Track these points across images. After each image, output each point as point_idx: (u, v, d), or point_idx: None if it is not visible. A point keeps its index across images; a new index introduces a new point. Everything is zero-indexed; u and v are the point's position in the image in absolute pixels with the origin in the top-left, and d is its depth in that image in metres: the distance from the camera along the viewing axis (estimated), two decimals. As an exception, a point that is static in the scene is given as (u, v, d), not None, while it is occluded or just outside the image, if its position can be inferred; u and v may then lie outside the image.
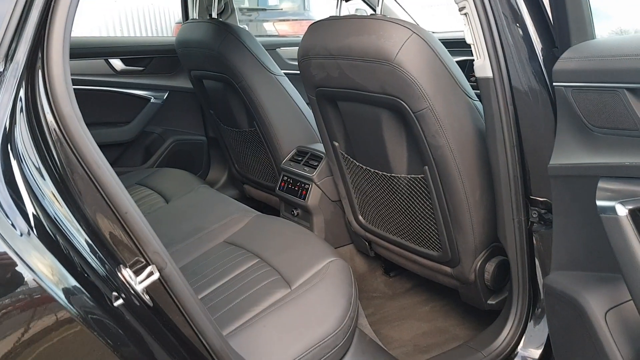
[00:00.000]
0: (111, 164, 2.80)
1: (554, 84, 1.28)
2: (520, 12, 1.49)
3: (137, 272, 1.05)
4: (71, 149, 0.99)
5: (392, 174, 1.92)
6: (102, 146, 2.79)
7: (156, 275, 1.04)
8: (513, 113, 1.54)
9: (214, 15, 2.57)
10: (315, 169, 2.36)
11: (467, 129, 1.68)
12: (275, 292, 1.63)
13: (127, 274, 1.01)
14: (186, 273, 1.84)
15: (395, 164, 1.90)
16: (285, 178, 2.50)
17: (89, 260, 0.95)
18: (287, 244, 1.85)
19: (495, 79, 1.52)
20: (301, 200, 2.38)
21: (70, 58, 2.74)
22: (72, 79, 2.73)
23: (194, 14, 2.76)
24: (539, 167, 1.54)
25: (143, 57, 2.90)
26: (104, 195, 1.02)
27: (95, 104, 2.81)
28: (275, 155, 2.55)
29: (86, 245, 0.95)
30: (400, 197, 1.97)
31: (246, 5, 7.96)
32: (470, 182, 1.72)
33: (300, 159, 2.46)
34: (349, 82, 1.81)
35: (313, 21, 1.92)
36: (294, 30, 7.29)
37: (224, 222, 2.07)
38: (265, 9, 7.82)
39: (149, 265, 1.08)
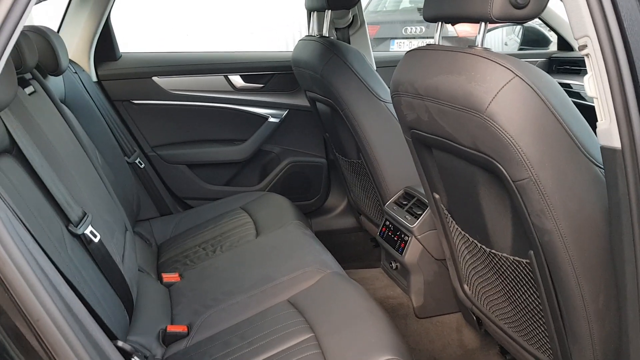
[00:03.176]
0: (226, 183, 2.71)
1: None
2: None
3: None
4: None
5: (492, 250, 1.48)
6: (218, 164, 2.72)
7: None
8: (651, 203, 1.03)
9: (325, 32, 2.29)
10: (418, 219, 1.98)
11: (589, 212, 1.19)
12: (310, 389, 1.32)
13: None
14: (233, 335, 1.61)
15: (497, 239, 1.46)
16: (387, 223, 2.15)
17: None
18: (347, 321, 1.53)
19: (625, 151, 1.02)
20: (398, 254, 2.01)
21: (191, 74, 2.68)
22: (191, 95, 2.69)
23: (311, 28, 2.51)
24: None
25: (263, 73, 2.73)
26: (13, 297, 0.81)
27: (213, 121, 2.72)
28: (382, 193, 2.20)
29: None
30: (503, 280, 1.52)
31: (428, 4, 7.53)
32: (591, 285, 1.23)
33: (405, 202, 2.09)
34: (439, 129, 1.41)
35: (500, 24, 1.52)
36: (476, 31, 6.71)
37: (295, 274, 1.81)
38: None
39: (69, 385, 0.85)
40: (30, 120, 1.48)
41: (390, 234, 2.10)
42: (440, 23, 1.46)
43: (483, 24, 1.28)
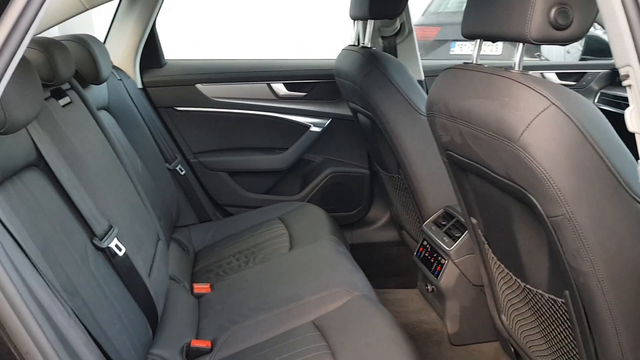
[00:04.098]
0: (267, 192, 2.68)
1: None
2: None
3: None
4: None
5: (527, 285, 1.38)
6: (259, 172, 2.69)
7: None
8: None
9: (366, 42, 2.23)
10: (456, 241, 1.88)
11: (630, 255, 1.09)
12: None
13: None
14: (255, 355, 1.58)
15: (532, 274, 1.36)
16: (425, 243, 2.06)
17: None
18: (370, 350, 1.46)
19: (671, 195, 0.92)
20: (433, 277, 1.93)
21: (234, 82, 2.67)
22: (234, 102, 2.67)
23: (355, 37, 2.44)
24: None
25: (306, 82, 2.69)
26: (4, 328, 0.80)
27: (255, 129, 2.71)
28: (421, 211, 2.12)
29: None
30: (538, 317, 1.41)
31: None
32: (630, 333, 1.12)
33: (444, 223, 2.00)
34: (472, 154, 1.33)
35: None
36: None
37: (322, 294, 1.76)
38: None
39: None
40: (60, 132, 1.49)
41: (427, 255, 2.02)
42: (479, 41, 1.38)
43: (521, 45, 1.19)
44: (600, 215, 1.07)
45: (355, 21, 2.40)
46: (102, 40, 2.49)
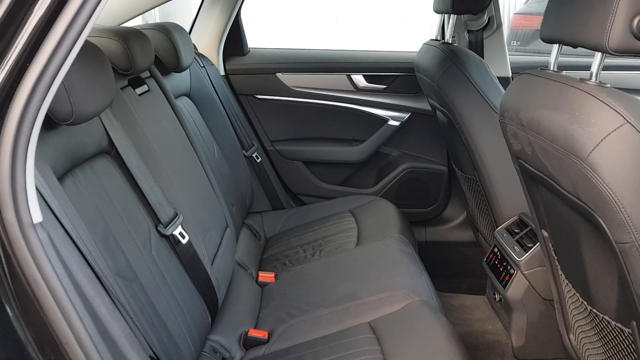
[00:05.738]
0: (341, 183, 2.68)
1: None
2: None
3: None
4: (15, 260, 0.84)
5: (594, 310, 1.29)
6: (334, 164, 2.69)
7: None
8: None
9: (447, 37, 2.14)
10: (527, 252, 1.79)
11: None
12: None
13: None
14: (308, 352, 1.59)
15: (599, 299, 1.26)
16: (495, 250, 1.97)
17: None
18: (422, 360, 1.43)
19: None
20: (501, 287, 1.84)
21: (313, 72, 2.67)
22: (313, 92, 2.68)
23: (437, 31, 2.35)
24: None
25: (386, 74, 2.64)
26: (44, 318, 0.85)
27: (333, 120, 2.70)
28: (495, 215, 2.03)
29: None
30: (605, 344, 1.31)
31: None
32: (703, 379, 1.01)
33: (517, 231, 1.90)
34: (542, 166, 1.25)
35: None
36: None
37: (381, 296, 1.73)
38: None
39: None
40: (132, 121, 1.55)
41: (496, 262, 1.93)
42: (557, 46, 1.28)
43: (599, 54, 1.09)
44: (674, 247, 0.97)
45: (439, 14, 2.32)
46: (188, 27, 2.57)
